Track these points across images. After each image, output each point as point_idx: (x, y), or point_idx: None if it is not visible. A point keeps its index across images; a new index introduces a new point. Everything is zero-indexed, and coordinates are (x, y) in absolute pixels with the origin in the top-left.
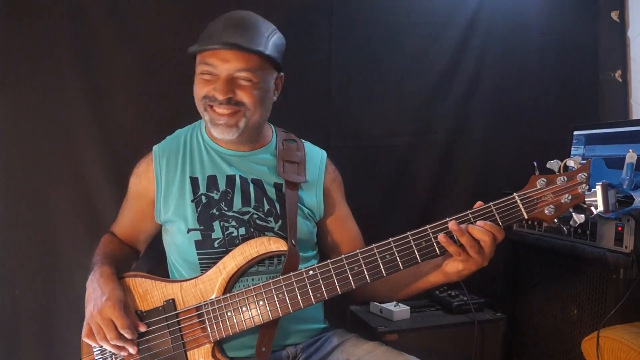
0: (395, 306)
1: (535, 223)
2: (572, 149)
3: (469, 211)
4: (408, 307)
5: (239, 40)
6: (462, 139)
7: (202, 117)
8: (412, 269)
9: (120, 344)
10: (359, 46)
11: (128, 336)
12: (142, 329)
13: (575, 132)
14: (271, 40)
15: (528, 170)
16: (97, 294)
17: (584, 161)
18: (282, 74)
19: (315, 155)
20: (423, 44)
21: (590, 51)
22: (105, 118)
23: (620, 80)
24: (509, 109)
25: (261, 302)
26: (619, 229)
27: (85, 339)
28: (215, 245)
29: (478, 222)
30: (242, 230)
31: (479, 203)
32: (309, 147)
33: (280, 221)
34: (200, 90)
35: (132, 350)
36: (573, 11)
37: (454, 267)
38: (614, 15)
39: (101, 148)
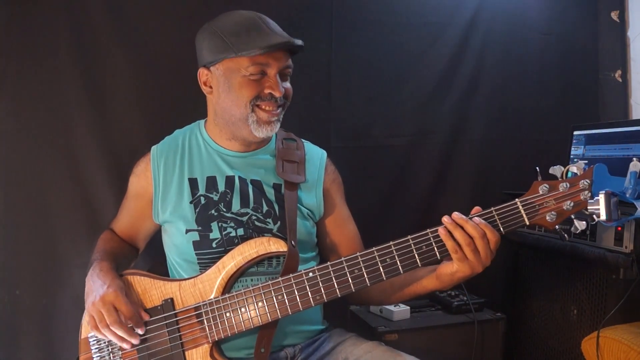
0: (395, 306)
1: (535, 225)
2: (572, 149)
3: (469, 216)
4: (408, 307)
5: (289, 37)
6: (462, 139)
7: (237, 119)
8: (408, 273)
9: (121, 332)
10: (359, 46)
11: (132, 322)
12: (146, 317)
13: (575, 132)
14: None
15: (528, 171)
16: (97, 285)
17: (586, 166)
18: None
19: (315, 155)
20: (423, 44)
21: (590, 51)
22: (105, 118)
23: (620, 80)
24: (509, 109)
25: (260, 304)
26: (619, 229)
27: (92, 332)
28: (214, 245)
29: (474, 219)
30: (240, 231)
31: (476, 208)
32: (308, 146)
33: (279, 222)
34: (250, 91)
35: (134, 340)
36: (573, 11)
37: (447, 268)
38: (614, 15)
39: (101, 148)
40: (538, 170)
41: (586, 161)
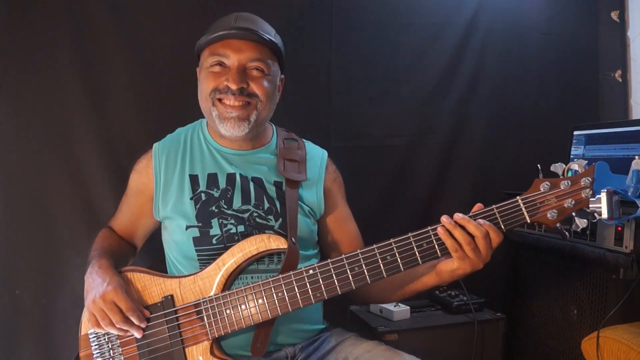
0: (395, 306)
1: (536, 223)
2: (572, 149)
3: (471, 213)
4: (408, 307)
5: (254, 28)
6: (462, 138)
7: (207, 115)
8: (408, 270)
9: (126, 327)
10: (359, 46)
11: (134, 319)
12: (146, 314)
13: (575, 132)
14: (277, 38)
15: (528, 170)
16: (97, 282)
17: (587, 164)
18: (283, 75)
19: (316, 155)
20: (423, 44)
21: (590, 51)
22: (105, 118)
23: (620, 80)
24: (509, 109)
25: (260, 301)
26: (619, 229)
27: (94, 328)
28: (214, 242)
29: (478, 220)
30: (240, 228)
31: (478, 205)
32: (309, 146)
33: (280, 219)
34: (208, 84)
35: (137, 334)
36: (573, 11)
37: (448, 265)
38: (614, 15)
39: (101, 148)
40: (540, 167)
41: (586, 161)
